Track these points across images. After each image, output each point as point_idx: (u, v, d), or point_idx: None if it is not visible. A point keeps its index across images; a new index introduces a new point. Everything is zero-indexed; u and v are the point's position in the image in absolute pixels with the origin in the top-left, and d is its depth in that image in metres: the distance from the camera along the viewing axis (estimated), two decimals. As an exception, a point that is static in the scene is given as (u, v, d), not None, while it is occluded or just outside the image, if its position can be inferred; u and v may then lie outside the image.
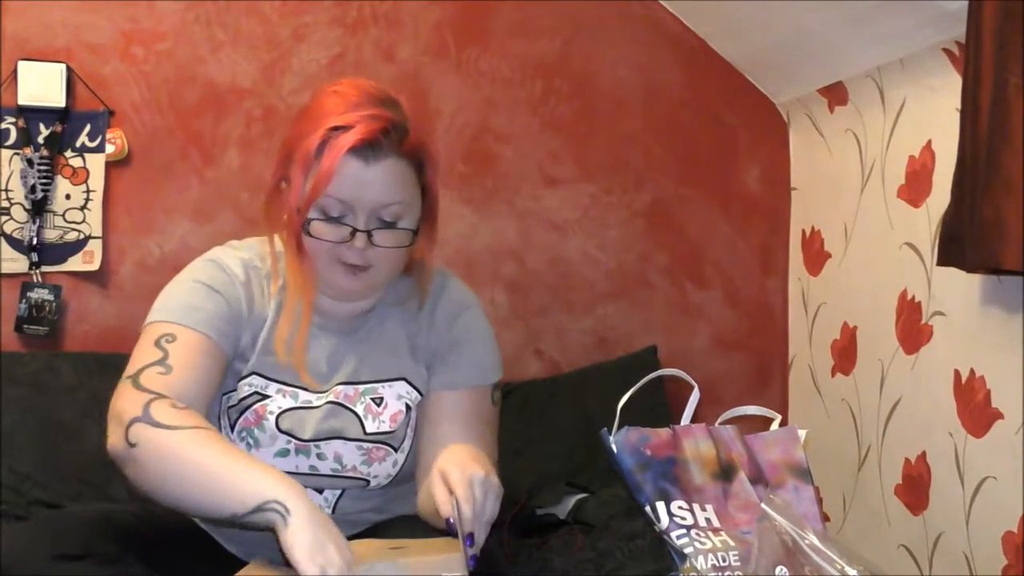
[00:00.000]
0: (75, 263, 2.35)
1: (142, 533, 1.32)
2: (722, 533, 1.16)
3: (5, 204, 2.31)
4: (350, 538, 1.42)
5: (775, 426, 1.30)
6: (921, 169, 2.13)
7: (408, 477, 1.48)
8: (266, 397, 1.39)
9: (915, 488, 2.15)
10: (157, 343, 1.31)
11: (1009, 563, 1.86)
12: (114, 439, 1.22)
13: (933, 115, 2.08)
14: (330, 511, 1.44)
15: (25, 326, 2.30)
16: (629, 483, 1.20)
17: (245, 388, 1.39)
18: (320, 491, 1.44)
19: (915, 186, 2.16)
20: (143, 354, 1.31)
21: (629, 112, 2.67)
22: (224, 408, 1.41)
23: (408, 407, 1.43)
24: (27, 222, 2.31)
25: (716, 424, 1.30)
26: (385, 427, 1.41)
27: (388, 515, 1.49)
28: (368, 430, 1.41)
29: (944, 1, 1.87)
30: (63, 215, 2.34)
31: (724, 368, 2.71)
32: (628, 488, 1.21)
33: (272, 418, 1.38)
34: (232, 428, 1.40)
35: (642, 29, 2.67)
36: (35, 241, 2.31)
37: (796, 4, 2.23)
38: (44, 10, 2.35)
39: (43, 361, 2.24)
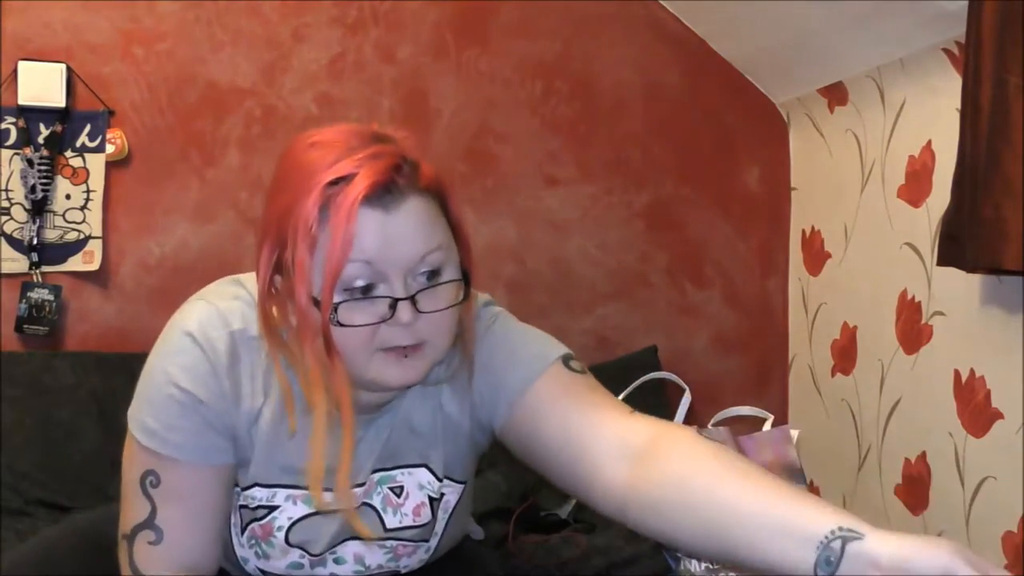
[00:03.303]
0: (75, 263, 2.35)
1: None
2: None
3: (5, 204, 2.31)
4: None
5: (767, 426, 1.31)
6: (921, 169, 2.13)
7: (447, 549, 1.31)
8: (274, 508, 1.18)
9: (915, 488, 2.15)
10: (143, 486, 1.12)
11: (1009, 563, 1.86)
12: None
13: (933, 115, 2.08)
14: None
15: (25, 326, 2.30)
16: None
17: (249, 501, 1.18)
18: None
19: (915, 186, 2.16)
20: (131, 501, 1.13)
21: (629, 112, 2.67)
22: (236, 505, 1.20)
23: (431, 499, 1.22)
24: (27, 222, 2.31)
25: (709, 425, 1.30)
26: (408, 521, 1.21)
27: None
28: (389, 526, 1.20)
29: (944, 1, 1.87)
30: (63, 215, 2.34)
31: (724, 368, 2.71)
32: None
33: (281, 534, 1.18)
34: (243, 530, 1.21)
35: (642, 29, 2.67)
36: (35, 241, 2.31)
37: (796, 4, 2.23)
38: (44, 10, 2.35)
39: (42, 361, 2.24)
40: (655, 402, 2.36)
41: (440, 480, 1.22)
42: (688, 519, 0.94)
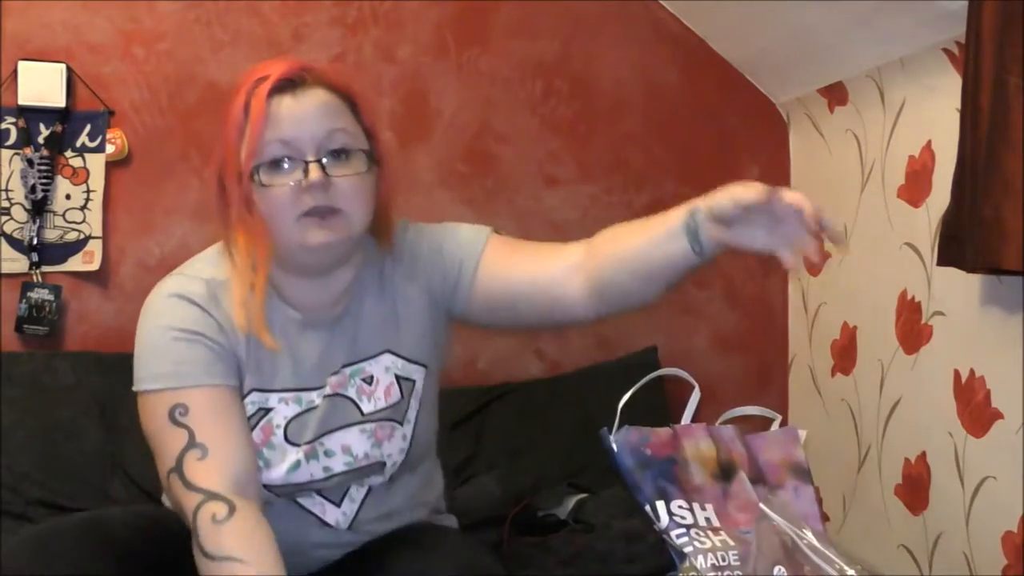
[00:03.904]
0: (75, 263, 2.35)
1: (138, 543, 1.29)
2: (722, 533, 1.16)
3: (5, 204, 2.31)
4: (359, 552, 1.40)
5: (775, 426, 1.31)
6: (921, 169, 2.13)
7: (425, 452, 1.46)
8: (269, 411, 1.35)
9: (915, 488, 2.15)
10: (173, 419, 1.26)
11: (1009, 563, 1.86)
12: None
13: (933, 115, 2.08)
14: (348, 524, 1.41)
15: (25, 326, 2.30)
16: (628, 482, 1.21)
17: (249, 407, 1.34)
18: (339, 503, 1.40)
19: (915, 186, 2.16)
20: (167, 437, 1.26)
21: (629, 112, 2.67)
22: None
23: (398, 378, 1.39)
24: (27, 222, 2.31)
25: (717, 424, 1.30)
26: (381, 403, 1.38)
27: (398, 521, 1.45)
28: (365, 411, 1.38)
29: (944, 1, 1.87)
30: (63, 215, 2.34)
31: (724, 368, 2.71)
32: (628, 487, 1.21)
33: (280, 431, 1.35)
34: None
35: (642, 29, 2.67)
36: (35, 241, 2.31)
37: (796, 4, 2.23)
38: (44, 10, 2.35)
39: (41, 361, 2.24)
40: (656, 401, 2.37)
41: (407, 360, 1.40)
42: (627, 279, 1.29)
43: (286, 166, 1.25)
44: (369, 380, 1.38)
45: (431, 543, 1.38)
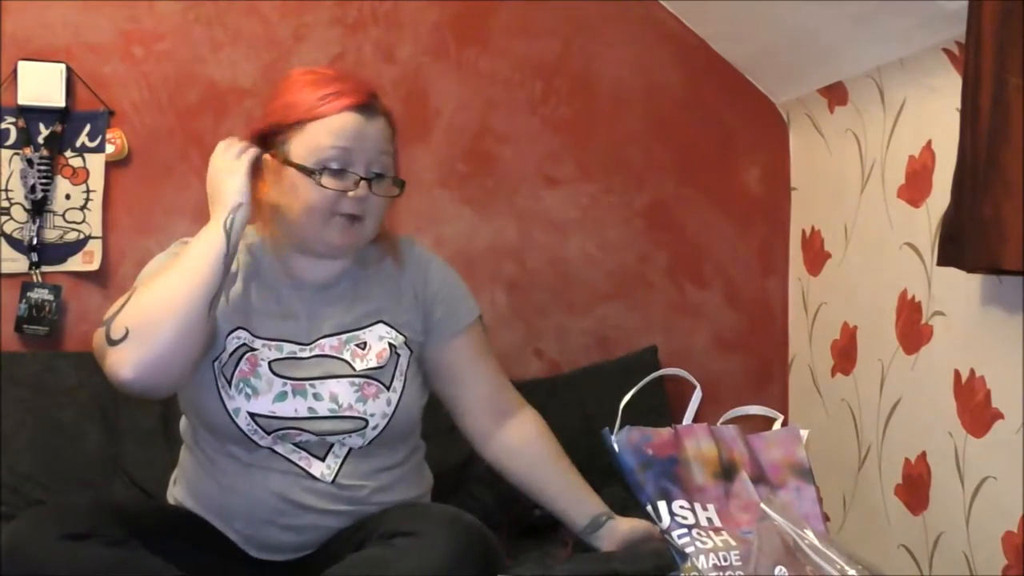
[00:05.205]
0: (75, 263, 2.35)
1: (145, 519, 1.40)
2: (723, 533, 1.16)
3: (5, 204, 2.31)
4: (346, 530, 1.49)
5: (777, 426, 1.31)
6: (921, 169, 2.13)
7: (405, 432, 1.57)
8: (255, 349, 1.50)
9: (915, 488, 2.15)
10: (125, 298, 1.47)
11: (1009, 563, 1.86)
12: (107, 369, 1.40)
13: (933, 115, 2.08)
14: (332, 477, 1.50)
15: (25, 326, 2.30)
16: (630, 482, 1.21)
17: (234, 341, 1.50)
18: (323, 459, 1.49)
19: (915, 186, 2.16)
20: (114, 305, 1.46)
21: (629, 112, 2.67)
22: (219, 370, 1.49)
23: (392, 346, 1.55)
24: (27, 222, 2.31)
25: (718, 424, 1.30)
26: (373, 363, 1.53)
27: (388, 495, 1.53)
28: (357, 368, 1.52)
29: (944, 1, 1.88)
30: (63, 215, 2.34)
31: (724, 368, 2.71)
32: (629, 487, 1.21)
33: (265, 364, 1.49)
34: (230, 383, 1.47)
35: (642, 29, 2.67)
36: (35, 241, 2.31)
37: (796, 4, 2.24)
38: (44, 10, 2.35)
39: (43, 361, 2.24)
40: (655, 402, 2.37)
41: (399, 332, 1.57)
42: (517, 476, 1.67)
43: (338, 170, 1.47)
44: (363, 346, 1.54)
45: (424, 506, 1.56)
